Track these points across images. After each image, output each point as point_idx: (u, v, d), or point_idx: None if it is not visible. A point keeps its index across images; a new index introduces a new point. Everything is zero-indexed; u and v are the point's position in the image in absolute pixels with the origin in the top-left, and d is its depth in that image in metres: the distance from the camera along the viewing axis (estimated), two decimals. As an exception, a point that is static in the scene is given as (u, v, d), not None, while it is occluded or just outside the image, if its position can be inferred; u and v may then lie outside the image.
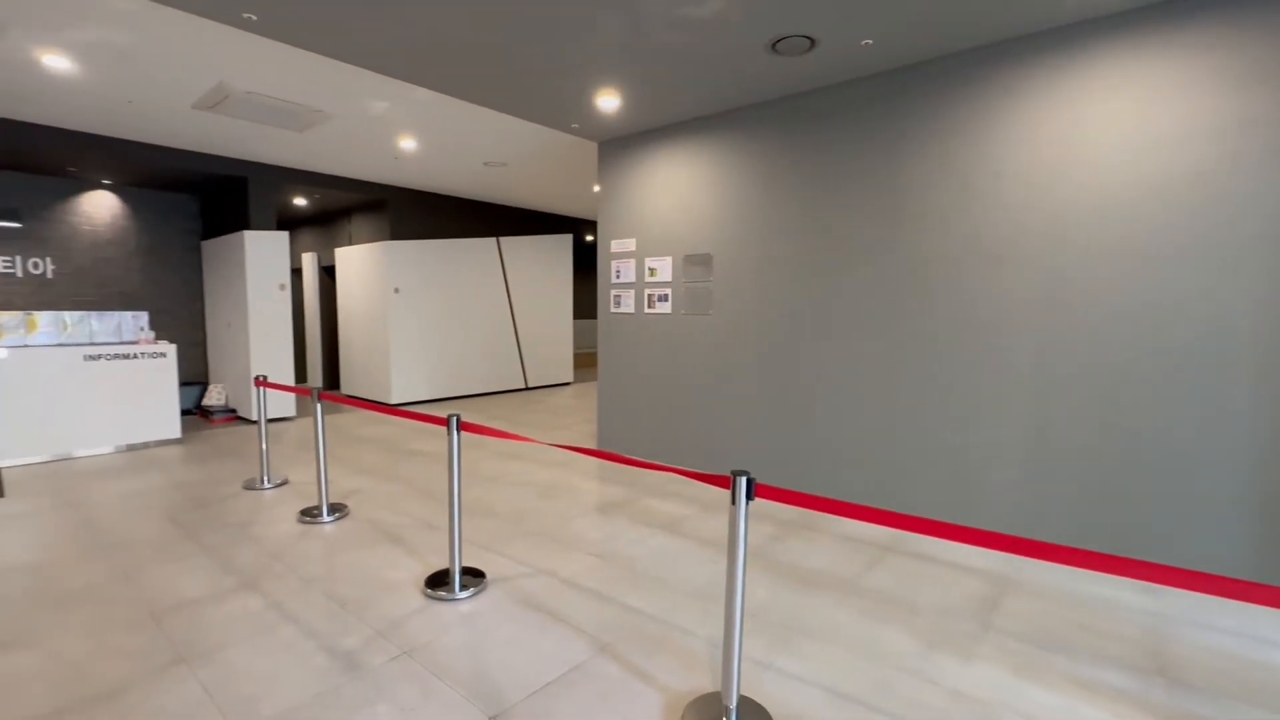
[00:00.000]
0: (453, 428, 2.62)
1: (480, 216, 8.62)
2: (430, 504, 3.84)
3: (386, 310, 7.51)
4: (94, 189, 6.63)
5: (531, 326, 9.22)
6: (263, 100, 4.39)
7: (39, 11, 3.13)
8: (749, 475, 1.74)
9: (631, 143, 4.98)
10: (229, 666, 2.10)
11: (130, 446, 5.29)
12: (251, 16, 3.02)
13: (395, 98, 4.35)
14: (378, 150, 5.82)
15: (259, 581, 2.74)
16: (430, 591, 2.62)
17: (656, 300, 4.86)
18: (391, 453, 5.18)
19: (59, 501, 3.85)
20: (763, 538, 3.34)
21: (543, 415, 7.09)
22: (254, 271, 6.27)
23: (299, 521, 3.50)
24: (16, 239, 6.20)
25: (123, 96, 4.38)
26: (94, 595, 2.61)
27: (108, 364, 5.14)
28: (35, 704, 1.89)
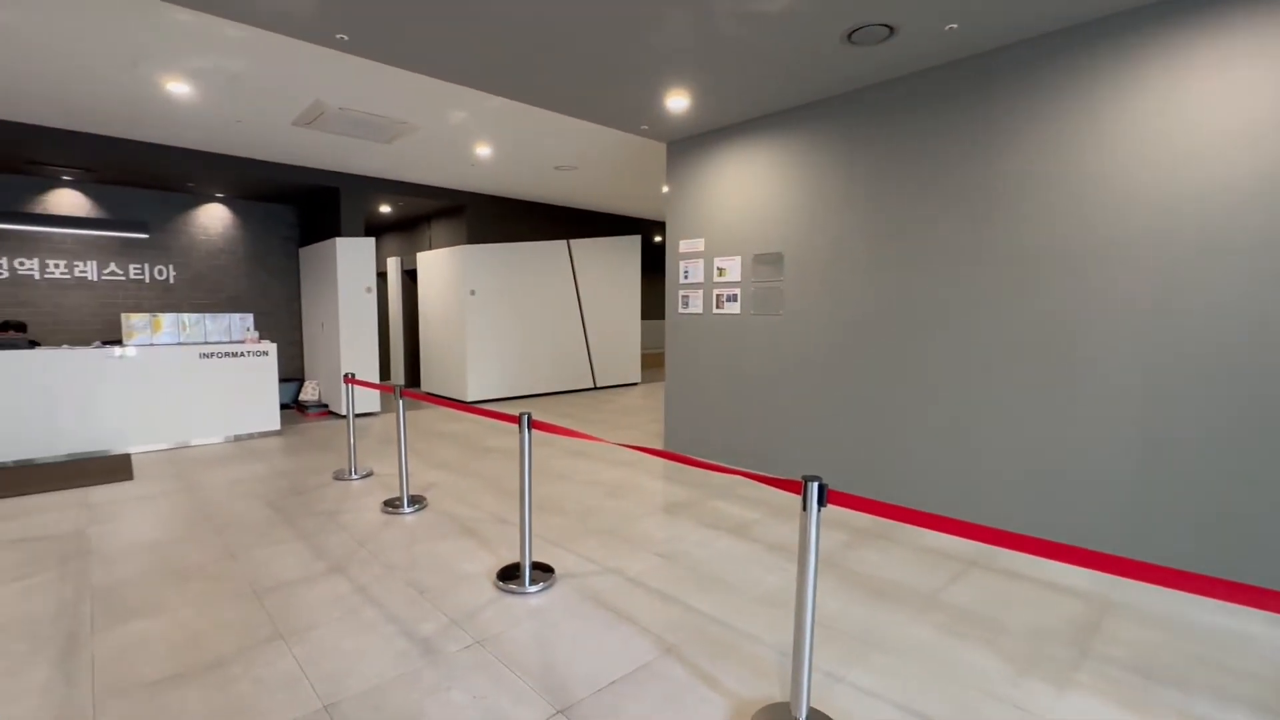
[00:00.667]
0: (524, 426, 2.69)
1: (551, 220, 8.83)
2: (502, 499, 3.97)
3: (463, 311, 7.83)
4: (209, 202, 7.29)
5: (600, 327, 9.36)
6: (353, 115, 4.68)
7: (165, 44, 3.47)
8: (821, 481, 1.69)
9: (700, 142, 4.95)
10: (320, 644, 2.24)
11: (237, 437, 5.78)
12: (344, 37, 3.23)
13: (472, 107, 4.52)
14: (456, 158, 6.08)
15: (346, 566, 2.92)
16: (502, 584, 2.71)
17: (725, 300, 4.80)
18: (467, 448, 5.38)
19: (178, 485, 4.25)
20: (835, 545, 3.23)
21: (610, 415, 7.17)
22: (344, 276, 6.70)
23: (382, 511, 3.70)
24: (145, 249, 6.91)
25: (232, 116, 4.79)
26: (206, 571, 2.86)
27: (219, 361, 5.64)
28: (159, 667, 2.10)
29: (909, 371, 3.75)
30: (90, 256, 6.60)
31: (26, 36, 3.40)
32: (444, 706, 1.90)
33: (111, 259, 6.71)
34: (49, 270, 6.38)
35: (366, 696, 1.94)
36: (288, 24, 3.10)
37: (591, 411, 7.39)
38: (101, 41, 3.46)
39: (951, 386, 3.57)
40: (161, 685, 2.00)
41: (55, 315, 6.45)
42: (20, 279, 6.24)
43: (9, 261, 6.17)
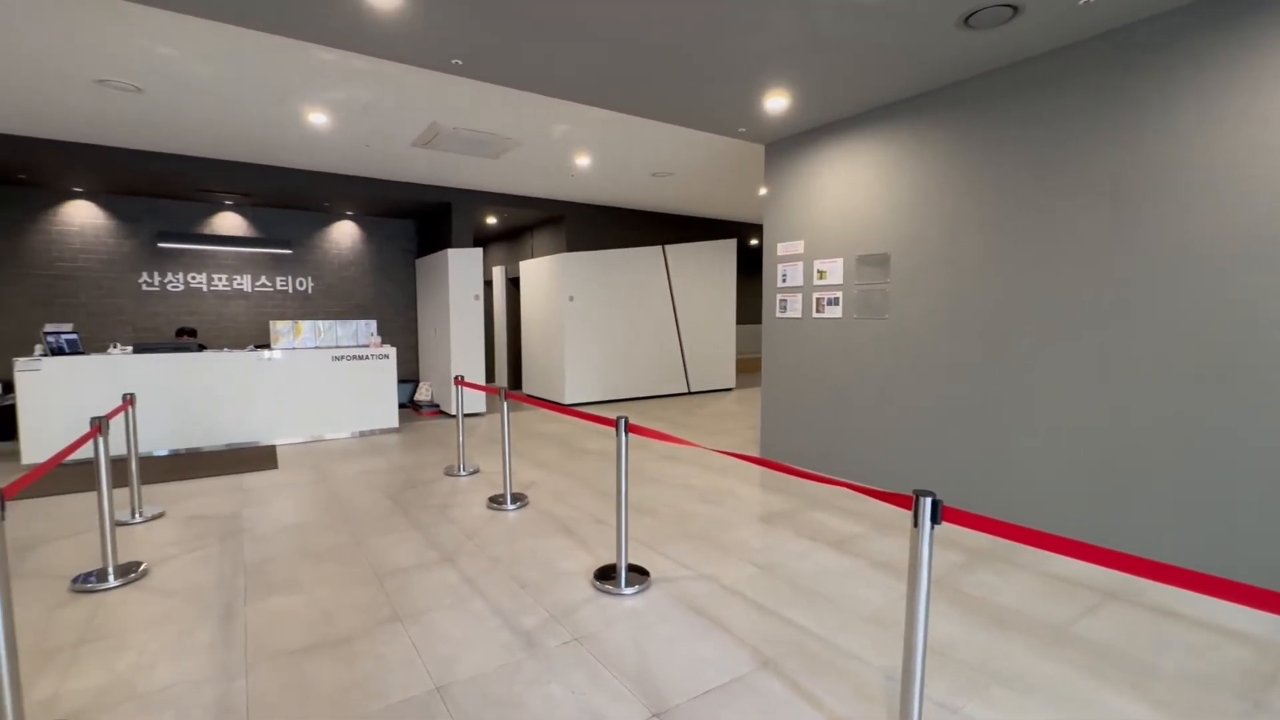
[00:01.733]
0: (620, 429, 2.73)
1: (647, 226, 8.94)
2: (598, 499, 4.05)
3: (562, 317, 8.11)
4: (341, 220, 8.07)
5: (694, 331, 9.34)
6: (465, 134, 5.00)
7: (309, 80, 3.89)
8: (934, 496, 1.58)
9: (800, 142, 4.82)
10: (432, 629, 2.40)
11: (362, 433, 6.33)
12: (458, 62, 3.46)
13: (573, 120, 4.68)
14: (557, 170, 6.32)
15: (455, 558, 3.11)
16: (598, 584, 2.76)
17: (826, 304, 4.64)
18: (565, 449, 5.56)
19: (314, 475, 4.72)
20: (949, 566, 3.01)
21: (704, 420, 7.13)
22: (455, 284, 7.16)
23: (487, 507, 3.90)
24: (289, 263, 7.76)
25: (361, 141, 5.27)
26: (337, 554, 3.15)
27: (347, 364, 6.21)
28: (297, 639, 2.34)
29: (1035, 380, 3.43)
30: (246, 271, 7.51)
31: (200, 83, 3.93)
32: (544, 699, 1.97)
33: (263, 272, 7.60)
34: (214, 283, 7.33)
35: (473, 682, 2.05)
36: (410, 54, 3.37)
37: (685, 416, 7.39)
38: (258, 82, 3.93)
39: (1087, 398, 3.22)
40: (300, 655, 2.22)
41: (218, 322, 7.39)
42: (192, 291, 7.21)
43: (184, 276, 7.15)
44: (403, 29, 3.07)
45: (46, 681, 2.06)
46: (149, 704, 1.94)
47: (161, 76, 3.84)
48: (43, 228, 6.46)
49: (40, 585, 2.79)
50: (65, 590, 2.74)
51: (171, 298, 7.11)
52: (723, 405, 8.29)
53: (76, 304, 6.64)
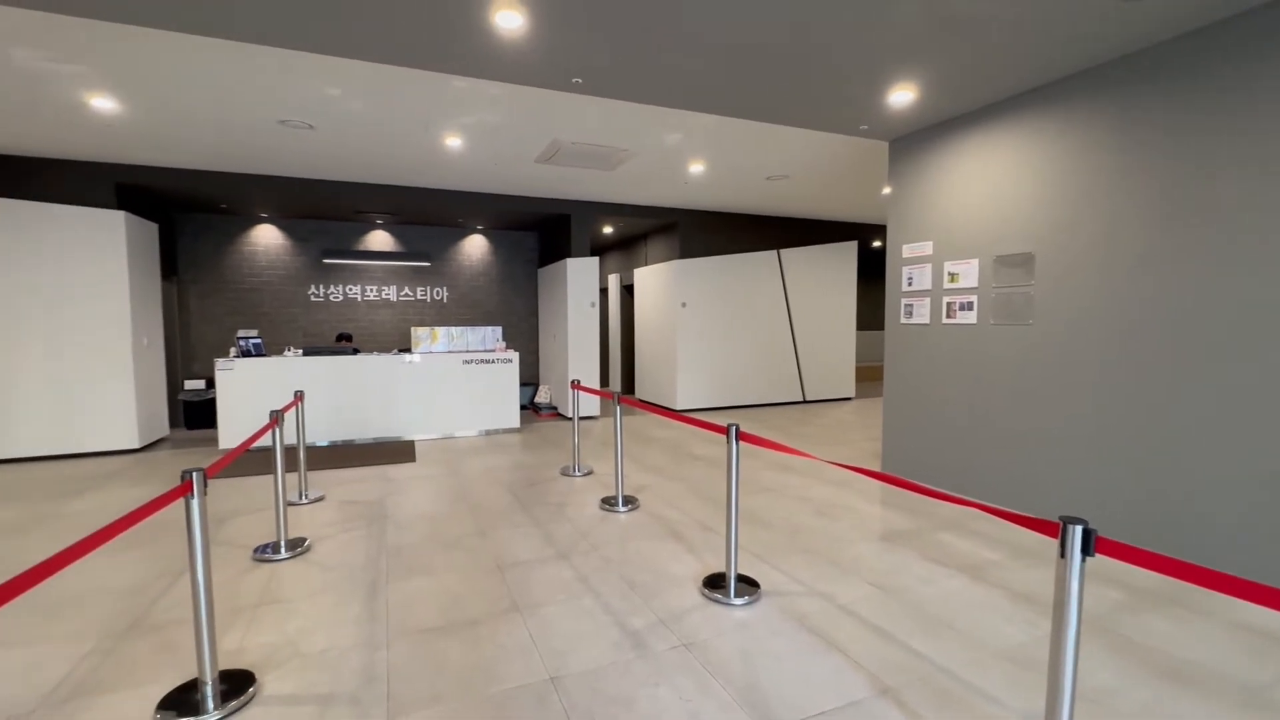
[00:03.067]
0: (732, 437, 2.71)
1: (760, 230, 8.78)
2: (708, 506, 4.03)
3: (674, 323, 8.18)
4: (472, 233, 8.72)
5: (811, 338, 9.02)
6: (583, 148, 5.22)
7: (447, 107, 4.26)
8: (1085, 524, 1.41)
9: (928, 136, 4.51)
10: (547, 622, 2.51)
11: (487, 432, 6.78)
12: (578, 80, 3.62)
13: (687, 128, 4.73)
14: (670, 178, 6.40)
15: (570, 555, 3.23)
16: (707, 592, 2.75)
17: (958, 309, 4.29)
18: (675, 454, 5.59)
19: (446, 470, 5.13)
20: (1106, 606, 2.66)
21: (820, 430, 6.86)
22: (573, 292, 7.47)
23: (600, 508, 4.02)
24: (427, 274, 8.52)
25: (490, 160, 5.68)
26: (465, 544, 3.40)
27: (476, 367, 6.69)
28: (430, 619, 2.55)
29: (1217, 399, 2.93)
30: (392, 282, 8.35)
31: (359, 117, 4.44)
32: (653, 701, 1.99)
33: (405, 283, 8.41)
34: (366, 294, 8.22)
35: (585, 677, 2.12)
36: (534, 76, 3.58)
37: (800, 425, 7.15)
38: (405, 113, 4.37)
39: None
40: (432, 634, 2.42)
41: (369, 328, 8.27)
42: (349, 301, 8.14)
43: (343, 287, 8.10)
44: (527, 54, 3.28)
45: (234, 635, 2.41)
46: (310, 664, 2.21)
47: (329, 114, 4.38)
48: (237, 248, 7.61)
49: (230, 553, 3.28)
50: (248, 558, 3.20)
51: (333, 307, 8.08)
52: (840, 415, 7.92)
53: (260, 313, 7.74)
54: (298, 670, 2.17)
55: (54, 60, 3.48)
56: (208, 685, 1.96)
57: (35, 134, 4.82)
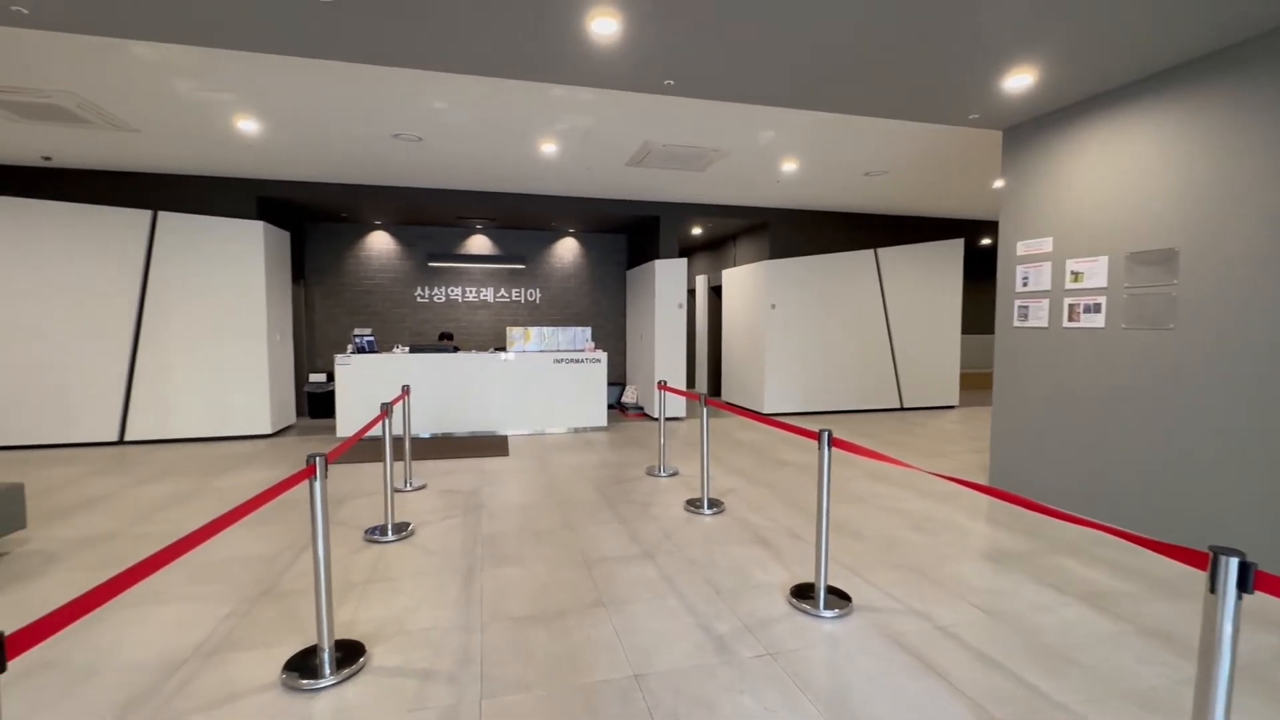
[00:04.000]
0: (823, 442, 2.61)
1: (857, 228, 8.43)
2: (795, 513, 3.92)
3: (764, 325, 8.02)
4: (564, 236, 8.99)
5: (910, 342, 8.54)
6: (674, 150, 5.23)
7: (542, 114, 4.42)
8: (1242, 556, 1.23)
9: (1047, 124, 4.14)
10: (631, 619, 2.54)
11: (576, 429, 6.96)
12: (670, 82, 3.64)
13: (780, 126, 4.62)
14: (762, 177, 6.28)
15: (654, 554, 3.25)
16: (795, 601, 2.67)
17: (1082, 311, 3.90)
18: (762, 459, 5.48)
19: (536, 465, 5.32)
20: (1267, 654, 2.32)
21: (919, 439, 6.47)
22: (660, 293, 7.51)
23: (685, 509, 4.02)
24: (521, 276, 8.87)
25: (583, 165, 5.82)
26: (554, 537, 3.51)
27: (565, 366, 6.89)
28: (521, 606, 2.65)
29: None
30: (489, 284, 8.77)
31: (462, 128, 4.70)
32: (737, 708, 1.96)
33: (501, 285, 8.81)
34: (466, 295, 8.69)
35: (668, 677, 2.12)
36: (627, 80, 3.63)
37: (897, 434, 6.78)
38: (504, 122, 4.57)
39: None
40: (522, 622, 2.51)
41: (468, 328, 8.74)
42: (451, 302, 8.64)
43: (445, 289, 8.61)
44: (620, 59, 3.33)
45: (348, 608, 2.63)
46: (413, 640, 2.36)
47: (435, 126, 4.67)
48: (355, 253, 8.29)
49: (345, 532, 3.57)
50: (360, 539, 3.47)
51: (436, 307, 8.60)
52: (942, 424, 7.43)
53: (374, 312, 8.38)
54: (402, 645, 2.32)
55: (209, 89, 3.95)
56: (325, 652, 2.14)
57: (194, 155, 5.49)
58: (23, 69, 3.64)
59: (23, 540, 3.44)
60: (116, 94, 4.03)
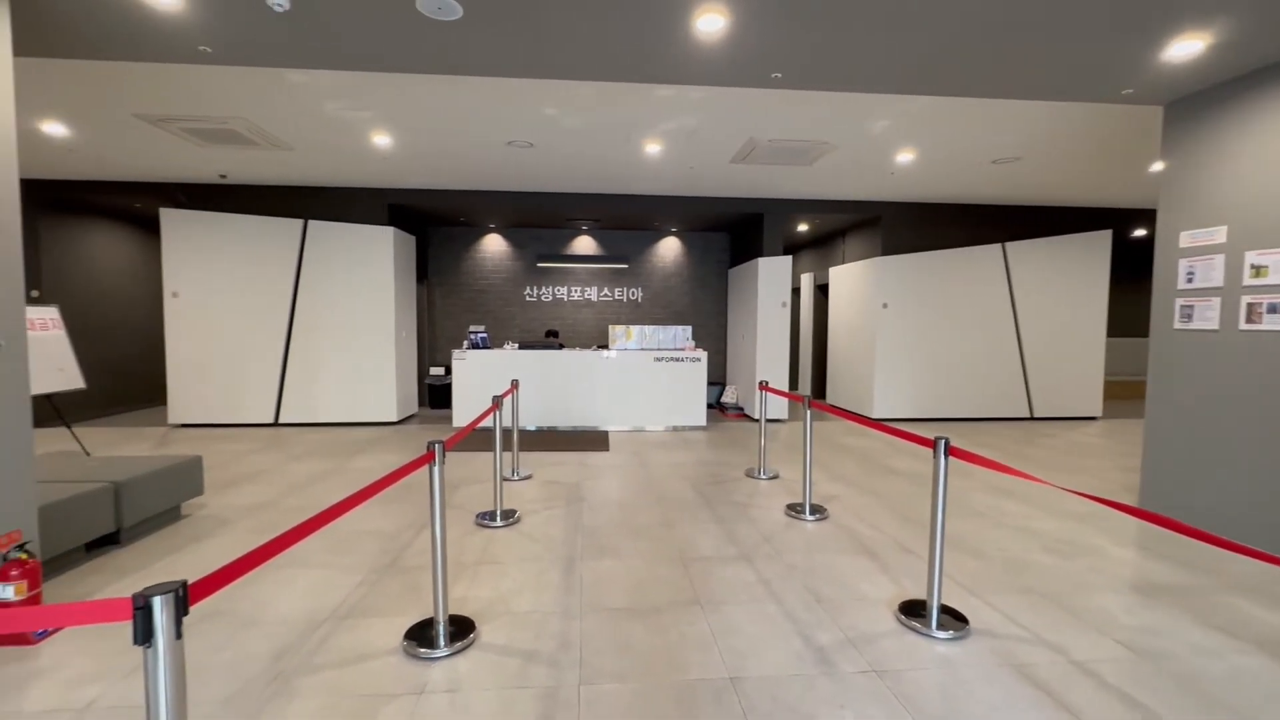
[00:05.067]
0: (940, 451, 2.43)
1: (982, 221, 7.77)
2: (905, 525, 3.68)
3: (874, 325, 7.62)
4: (666, 236, 9.05)
5: (1043, 345, 7.75)
6: (781, 144, 5.10)
7: (648, 116, 4.47)
8: None
9: (1220, 96, 3.58)
10: (727, 620, 2.51)
11: (674, 428, 6.98)
12: (778, 75, 3.55)
13: (896, 114, 4.36)
14: (873, 169, 5.96)
15: (752, 557, 3.19)
16: (904, 618, 2.51)
17: (1264, 312, 3.35)
18: (869, 465, 5.21)
19: (636, 461, 5.40)
20: None
21: (1051, 453, 5.86)
22: (763, 292, 7.35)
23: (785, 513, 3.91)
24: (623, 276, 9.04)
25: (686, 163, 5.82)
26: (651, 533, 3.55)
27: (666, 365, 6.93)
28: (618, 598, 2.71)
29: None
30: (592, 284, 9.02)
31: (571, 133, 4.87)
32: (837, 723, 1.88)
33: (605, 284, 9.03)
34: (571, 294, 9.00)
35: (765, 683, 2.08)
36: (734, 76, 3.59)
37: (1024, 445, 6.19)
38: (612, 125, 4.68)
39: None
40: (619, 613, 2.56)
41: (573, 326, 9.04)
42: (556, 300, 8.98)
43: (552, 289, 8.96)
44: (725, 54, 3.30)
45: (459, 586, 2.81)
46: (518, 621, 2.48)
47: (546, 132, 4.88)
48: (471, 255, 8.84)
49: (459, 515, 3.82)
50: (471, 522, 3.70)
51: (544, 306, 8.98)
52: (1081, 437, 6.68)
53: (487, 311, 8.90)
54: (508, 625, 2.45)
55: (351, 109, 4.37)
56: (440, 625, 2.31)
57: (337, 168, 6.11)
58: (205, 101, 4.22)
59: (200, 505, 4.00)
60: (276, 117, 4.57)
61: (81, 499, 2.96)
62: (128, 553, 3.20)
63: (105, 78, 3.84)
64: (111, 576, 2.90)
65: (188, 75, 3.78)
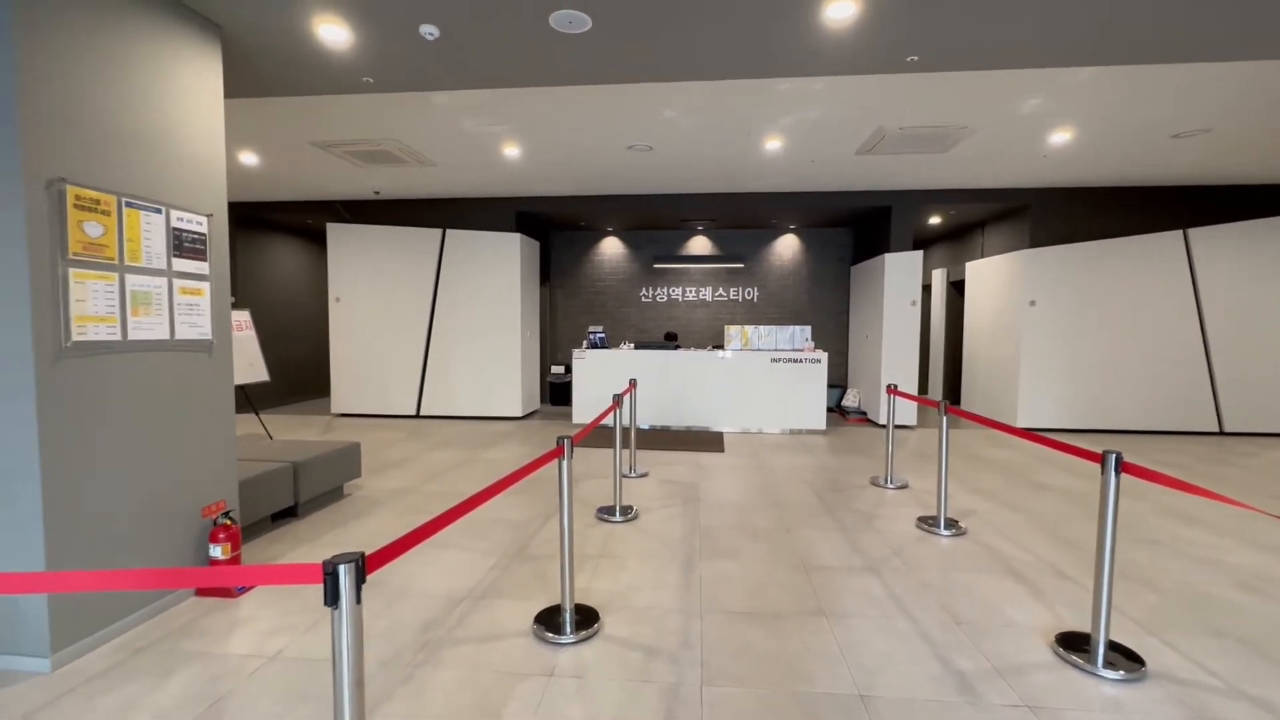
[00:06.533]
0: (1109, 467, 2.15)
1: (1155, 206, 6.79)
2: (1059, 547, 3.30)
3: (1019, 324, 6.92)
4: (784, 233, 8.81)
5: (1240, 349, 6.61)
6: (913, 132, 4.78)
7: (769, 111, 4.38)
8: None
9: None
10: (855, 634, 2.39)
11: (791, 431, 6.78)
12: (914, 58, 3.33)
13: (1052, 89, 3.92)
14: (1021, 152, 5.41)
15: (880, 570, 3.02)
16: (1063, 652, 2.25)
17: None
18: (1013, 479, 4.73)
19: (753, 463, 5.31)
20: None
21: (1246, 473, 4.98)
22: (890, 290, 6.93)
23: (916, 526, 3.65)
24: (738, 276, 8.92)
25: (807, 158, 5.63)
26: (769, 537, 3.47)
27: (782, 366, 6.75)
28: (737, 601, 2.68)
29: None
30: (707, 284, 8.99)
31: (690, 133, 4.88)
32: (983, 758, 1.72)
33: (719, 285, 8.96)
34: (686, 294, 9.03)
35: (900, 705, 1.96)
36: (864, 63, 3.42)
37: (1214, 464, 5.32)
38: (731, 124, 4.64)
39: None
40: (739, 616, 2.53)
41: (687, 326, 9.07)
42: (672, 301, 9.06)
43: (667, 290, 9.05)
44: (856, 41, 3.14)
45: (582, 577, 2.92)
46: (638, 616, 2.54)
47: (664, 134, 4.93)
48: (589, 258, 9.16)
49: (579, 509, 3.97)
50: (592, 516, 3.83)
51: (659, 307, 9.10)
52: (1288, 457, 5.62)
53: (604, 312, 9.17)
54: (629, 619, 2.51)
55: (486, 124, 4.70)
56: (566, 613, 2.41)
57: (472, 179, 6.60)
58: (365, 126, 4.73)
59: (358, 486, 4.49)
60: (422, 136, 5.01)
61: (269, 476, 3.43)
62: (304, 524, 3.66)
63: (288, 112, 4.42)
64: (292, 544, 3.34)
65: (351, 105, 4.26)
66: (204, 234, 2.75)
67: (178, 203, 2.64)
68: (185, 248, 2.65)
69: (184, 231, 2.65)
